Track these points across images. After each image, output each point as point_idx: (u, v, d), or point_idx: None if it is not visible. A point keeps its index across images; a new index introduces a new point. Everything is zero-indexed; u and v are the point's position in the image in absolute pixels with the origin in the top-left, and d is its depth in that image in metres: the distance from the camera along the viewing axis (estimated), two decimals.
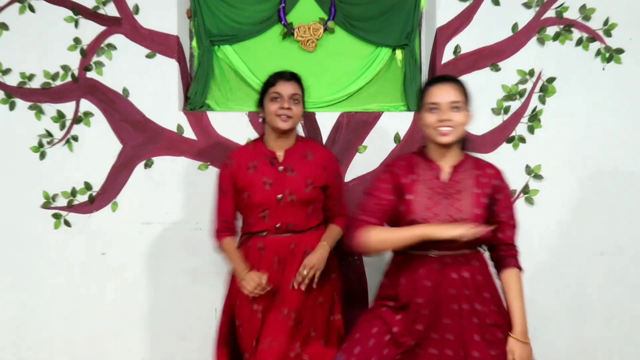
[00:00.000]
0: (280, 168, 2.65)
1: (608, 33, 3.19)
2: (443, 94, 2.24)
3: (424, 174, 2.30)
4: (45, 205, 3.23)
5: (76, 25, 3.21)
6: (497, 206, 2.30)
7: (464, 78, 3.07)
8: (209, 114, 3.24)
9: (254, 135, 3.20)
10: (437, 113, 2.24)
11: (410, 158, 2.37)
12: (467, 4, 3.20)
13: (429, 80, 2.36)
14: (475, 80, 3.15)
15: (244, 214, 2.72)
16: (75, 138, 3.22)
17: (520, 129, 3.22)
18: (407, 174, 2.31)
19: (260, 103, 2.70)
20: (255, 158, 2.67)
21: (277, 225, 2.63)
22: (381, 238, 2.23)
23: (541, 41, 3.20)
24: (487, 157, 3.03)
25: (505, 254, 2.34)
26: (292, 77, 2.67)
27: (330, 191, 2.76)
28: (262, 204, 2.62)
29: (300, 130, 3.24)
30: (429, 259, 2.27)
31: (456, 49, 3.22)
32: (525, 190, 3.21)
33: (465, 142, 2.37)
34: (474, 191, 2.27)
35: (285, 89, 2.62)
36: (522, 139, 3.22)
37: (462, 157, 2.34)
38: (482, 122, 3.19)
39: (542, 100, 3.21)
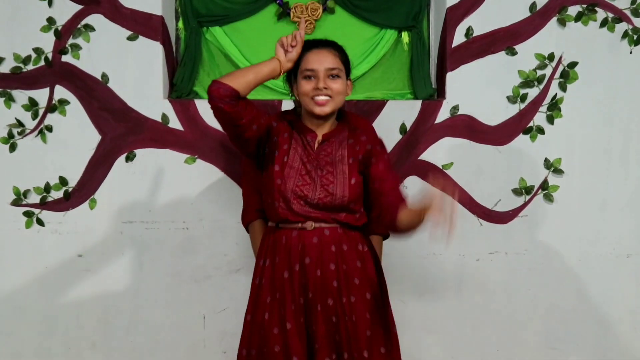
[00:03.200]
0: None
1: (636, 13, 3.12)
2: (321, 60, 2.21)
3: (296, 140, 2.28)
4: (16, 202, 3.13)
5: (50, 3, 3.11)
6: (371, 171, 2.26)
7: (477, 63, 3.16)
8: (197, 102, 3.17)
9: None
10: (313, 81, 2.20)
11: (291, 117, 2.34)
12: None
13: (305, 45, 2.28)
14: (489, 65, 3.14)
15: None
16: (49, 128, 3.13)
17: (539, 118, 3.15)
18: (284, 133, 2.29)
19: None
20: None
21: None
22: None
23: (562, 22, 3.13)
24: (502, 149, 3.13)
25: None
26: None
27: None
28: None
29: None
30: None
31: (468, 31, 3.15)
32: (544, 186, 3.15)
33: (342, 113, 2.36)
34: (347, 162, 2.26)
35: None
36: (541, 130, 3.15)
37: (335, 126, 2.32)
38: (496, 112, 3.16)
39: (563, 87, 3.14)
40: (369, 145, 2.27)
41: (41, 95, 3.12)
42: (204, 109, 3.11)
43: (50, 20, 3.09)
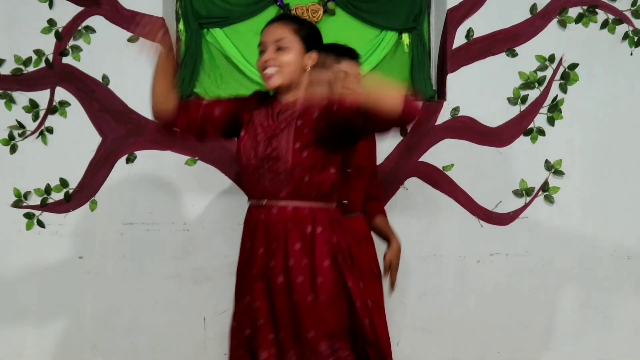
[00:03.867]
0: None
1: (636, 14, 3.15)
2: (268, 33, 2.17)
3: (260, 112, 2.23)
4: (17, 204, 3.13)
5: (50, 5, 3.12)
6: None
7: (478, 64, 3.17)
8: None
9: None
10: (262, 55, 2.16)
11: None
12: None
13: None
14: (489, 66, 3.15)
15: None
16: (49, 130, 3.13)
17: (539, 120, 3.16)
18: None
19: None
20: None
21: None
22: None
23: (562, 24, 3.15)
24: (502, 151, 3.14)
25: None
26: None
27: None
28: None
29: None
30: None
31: (469, 33, 3.16)
32: (545, 187, 3.16)
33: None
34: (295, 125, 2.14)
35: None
36: (541, 132, 3.15)
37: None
38: (497, 113, 3.17)
39: (564, 88, 3.15)
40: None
41: (42, 97, 3.12)
42: None
43: (51, 22, 3.10)
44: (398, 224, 2.70)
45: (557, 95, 3.13)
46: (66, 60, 3.12)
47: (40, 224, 3.12)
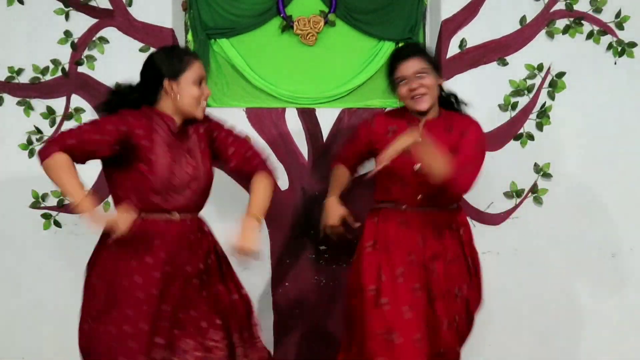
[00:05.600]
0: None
1: (620, 26, 3.17)
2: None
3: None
4: (34, 205, 3.20)
5: (67, 17, 3.18)
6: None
7: (470, 73, 3.18)
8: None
9: (251, 131, 3.18)
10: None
11: None
12: None
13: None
14: (481, 75, 3.19)
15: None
16: None
17: (529, 125, 3.20)
18: None
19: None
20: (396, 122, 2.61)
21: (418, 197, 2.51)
22: None
23: (550, 34, 3.19)
24: (494, 155, 3.13)
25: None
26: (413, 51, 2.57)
27: None
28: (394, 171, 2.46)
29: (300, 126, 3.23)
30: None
31: (462, 43, 3.20)
32: (534, 189, 3.20)
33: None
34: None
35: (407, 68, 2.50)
36: (531, 136, 3.19)
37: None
38: (488, 119, 3.15)
39: (551, 95, 3.19)
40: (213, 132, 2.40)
41: (58, 104, 3.18)
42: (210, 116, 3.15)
43: (67, 33, 3.15)
44: None
45: (545, 102, 3.16)
46: (81, 69, 3.17)
47: (57, 223, 3.18)
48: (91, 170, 3.00)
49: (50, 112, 3.17)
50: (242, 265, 2.48)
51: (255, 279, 3.14)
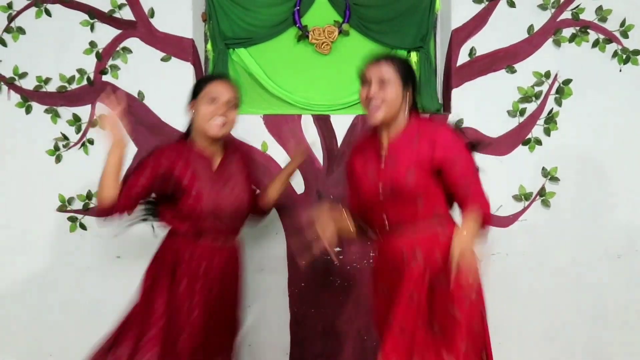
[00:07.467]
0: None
1: (625, 34, 3.20)
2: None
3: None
4: (61, 209, 3.24)
5: (92, 28, 3.24)
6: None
7: (480, 80, 3.20)
8: None
9: (269, 138, 3.22)
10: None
11: None
12: (482, 5, 3.22)
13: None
14: (491, 82, 3.22)
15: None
16: (90, 141, 3.24)
17: (536, 131, 3.22)
18: None
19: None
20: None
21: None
22: None
23: (557, 43, 3.21)
24: (503, 159, 3.15)
25: None
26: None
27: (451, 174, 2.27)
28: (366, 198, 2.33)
29: (315, 132, 3.26)
30: None
31: (471, 51, 3.23)
32: (542, 192, 3.21)
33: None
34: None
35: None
36: (538, 141, 3.21)
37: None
38: (497, 125, 3.22)
39: (558, 102, 3.21)
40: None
41: (84, 112, 3.23)
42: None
43: (92, 44, 3.21)
44: None
45: (552, 108, 3.18)
46: (106, 78, 3.22)
47: (83, 226, 3.22)
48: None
49: (76, 120, 3.22)
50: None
51: (271, 279, 3.21)
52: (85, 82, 3.24)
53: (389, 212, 2.29)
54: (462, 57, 3.23)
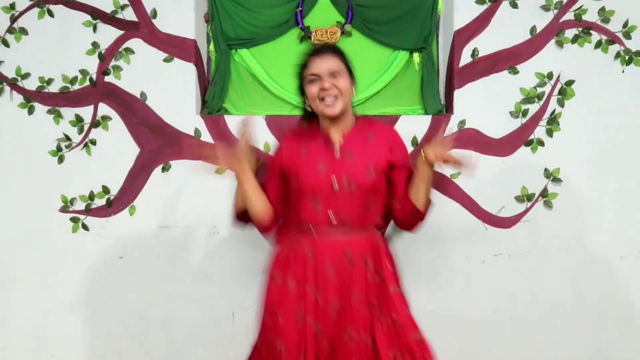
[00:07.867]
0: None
1: (627, 35, 3.18)
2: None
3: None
4: (64, 209, 3.24)
5: (94, 29, 3.24)
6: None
7: (482, 81, 3.18)
8: (226, 117, 3.25)
9: (271, 139, 3.21)
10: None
11: None
12: (484, 6, 3.21)
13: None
14: (493, 83, 3.20)
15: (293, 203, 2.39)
16: (93, 142, 3.24)
17: (539, 132, 3.21)
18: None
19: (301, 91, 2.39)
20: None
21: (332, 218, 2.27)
22: None
23: (560, 44, 3.20)
24: (505, 160, 3.14)
25: None
26: (329, 50, 2.34)
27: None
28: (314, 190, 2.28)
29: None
30: None
31: (474, 52, 3.22)
32: (544, 193, 3.20)
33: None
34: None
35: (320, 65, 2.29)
36: (541, 142, 3.21)
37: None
38: (500, 126, 3.21)
39: (561, 103, 3.20)
40: None
41: (86, 112, 3.22)
42: (233, 124, 3.19)
43: (95, 45, 3.20)
44: None
45: (555, 109, 3.17)
46: (108, 79, 3.21)
47: (85, 227, 3.22)
48: (117, 175, 3.19)
49: (78, 120, 3.22)
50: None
51: None
52: (87, 83, 3.23)
53: (339, 207, 2.27)
54: (465, 58, 3.21)
